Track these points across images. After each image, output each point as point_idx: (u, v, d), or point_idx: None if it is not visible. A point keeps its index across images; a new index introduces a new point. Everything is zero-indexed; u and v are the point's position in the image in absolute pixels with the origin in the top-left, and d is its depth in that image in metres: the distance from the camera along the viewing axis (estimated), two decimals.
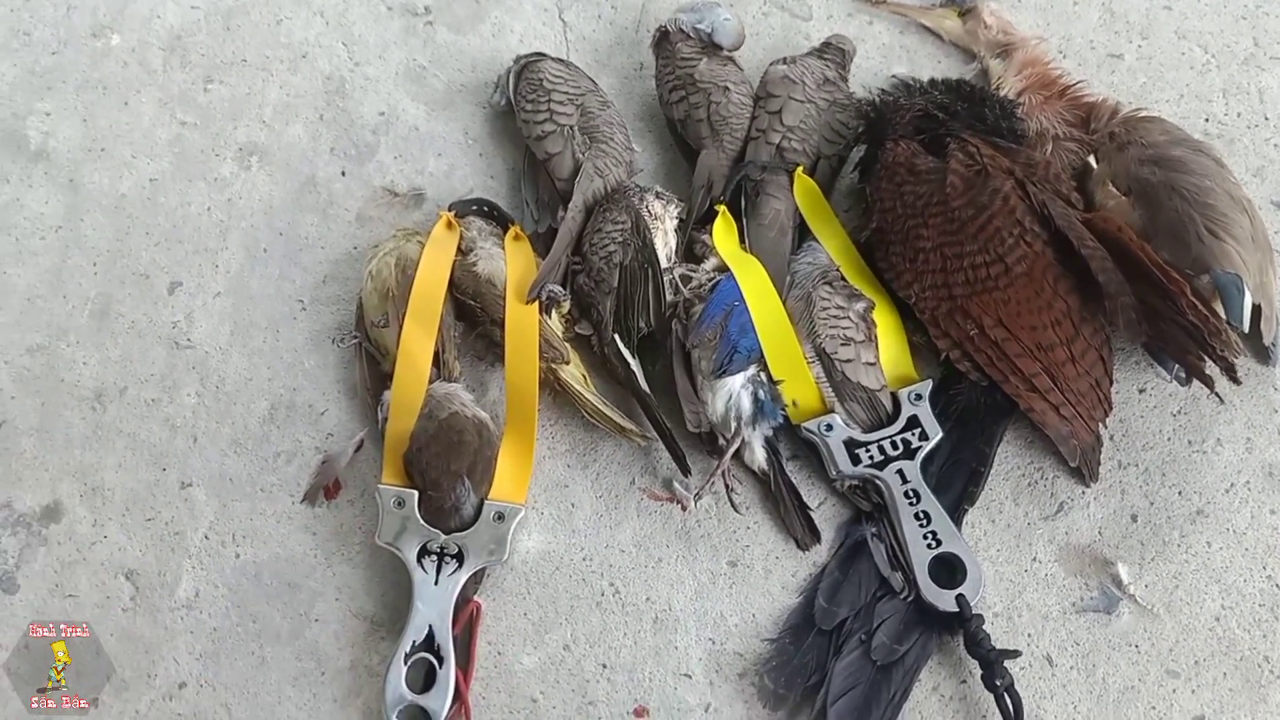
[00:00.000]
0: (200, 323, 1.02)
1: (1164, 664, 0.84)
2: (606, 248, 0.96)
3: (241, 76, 1.14)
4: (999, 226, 0.90)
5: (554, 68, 1.06)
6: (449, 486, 0.88)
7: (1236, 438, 0.91)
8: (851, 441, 0.90)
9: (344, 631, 0.89)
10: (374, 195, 1.07)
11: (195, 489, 0.95)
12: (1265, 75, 1.07)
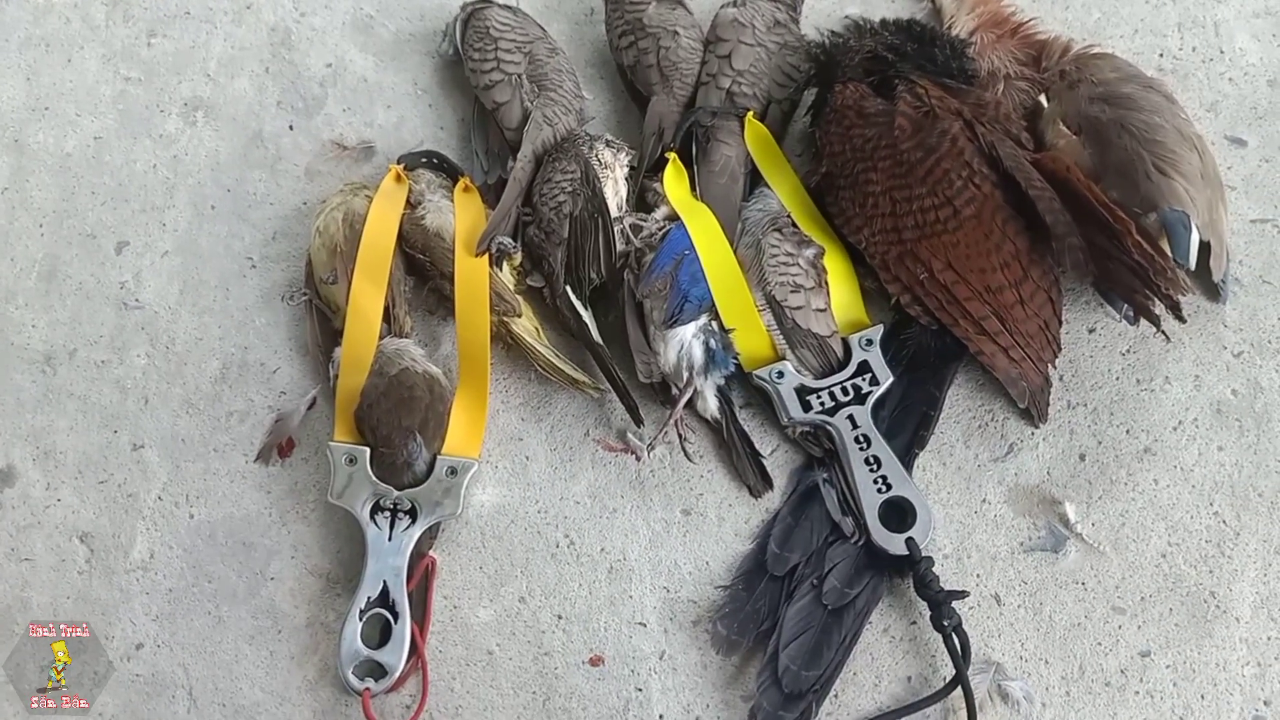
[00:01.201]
0: (149, 282, 1.01)
1: (1110, 601, 0.85)
2: (556, 198, 0.95)
3: (185, 30, 1.12)
4: (947, 169, 0.89)
5: (501, 15, 1.04)
6: (400, 442, 0.88)
7: (1185, 375, 0.91)
8: (803, 388, 0.91)
9: (300, 589, 0.90)
10: (323, 149, 1.06)
11: (147, 450, 0.95)
12: (1221, 8, 1.06)
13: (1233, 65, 1.02)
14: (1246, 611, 0.84)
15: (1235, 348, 0.92)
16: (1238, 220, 0.96)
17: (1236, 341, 0.92)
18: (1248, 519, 0.86)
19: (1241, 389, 0.90)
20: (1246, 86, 1.01)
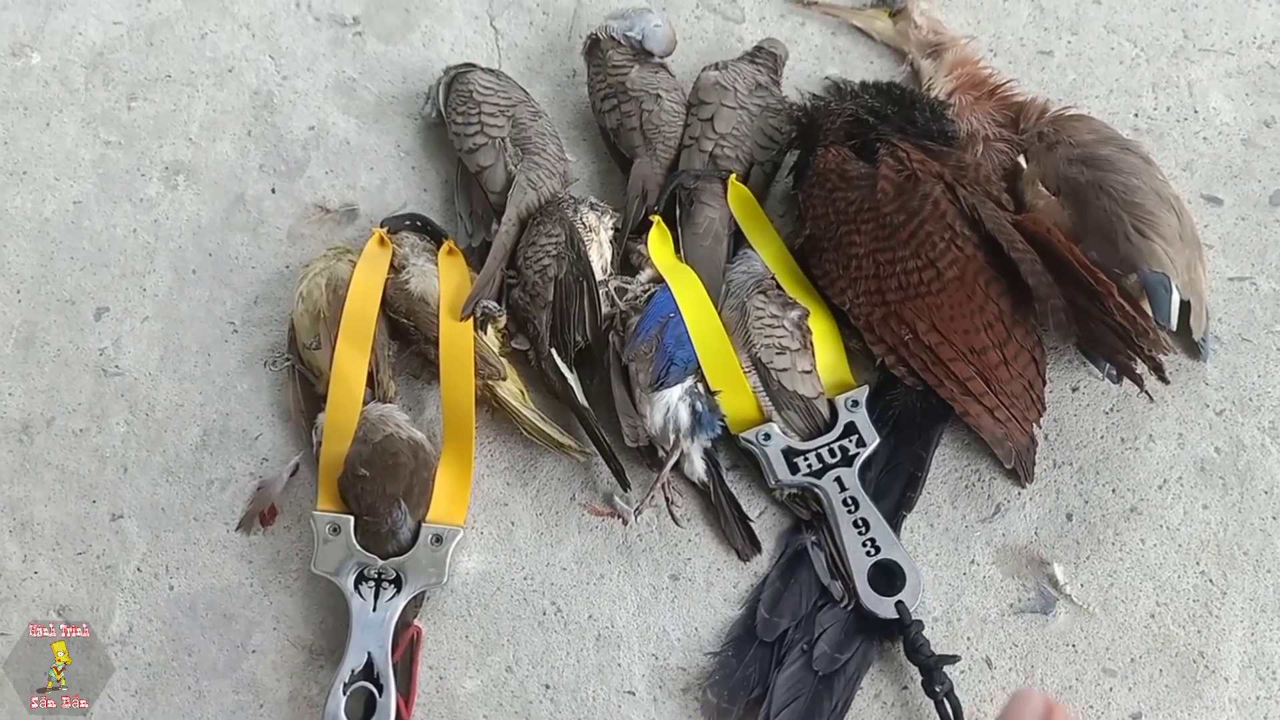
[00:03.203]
0: (128, 348, 1.00)
1: (1101, 663, 0.85)
2: (541, 261, 0.95)
3: (166, 93, 1.12)
4: (930, 231, 0.90)
5: (484, 78, 1.05)
6: (385, 511, 0.87)
7: (1169, 433, 0.92)
8: (789, 450, 0.90)
9: (282, 662, 0.88)
10: (305, 212, 1.06)
11: (126, 520, 0.94)
12: (1194, 68, 1.08)
13: (1207, 124, 1.04)
14: (1235, 671, 0.84)
15: (1217, 405, 0.92)
16: (1216, 278, 0.97)
17: (1218, 399, 0.92)
18: (1234, 578, 0.87)
19: (1224, 447, 0.91)
20: (1221, 145, 1.03)
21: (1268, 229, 0.99)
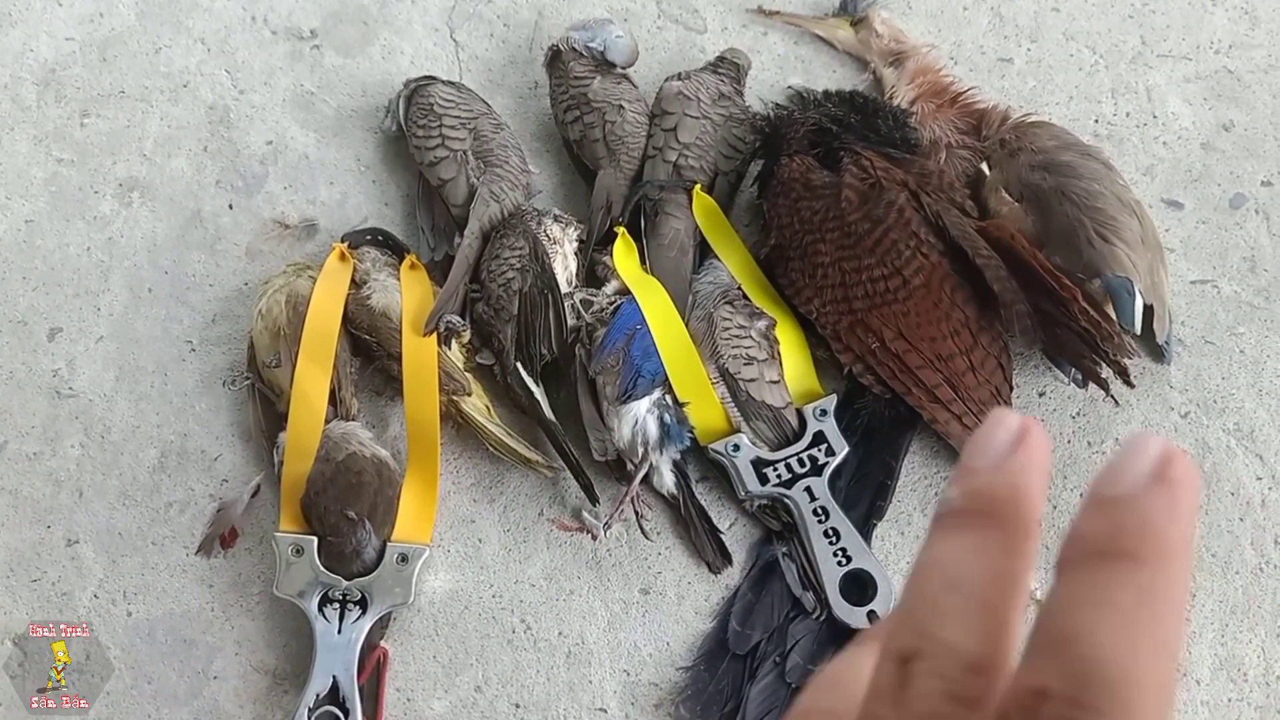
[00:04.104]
0: (83, 369, 0.98)
1: None
2: (505, 274, 0.94)
3: (120, 109, 1.10)
4: (895, 239, 0.90)
5: (444, 91, 1.04)
6: (348, 531, 0.85)
7: None
8: (759, 461, 0.90)
9: (245, 687, 0.86)
10: (264, 228, 1.04)
11: (82, 545, 0.91)
12: (1152, 73, 1.09)
13: (1166, 129, 1.05)
14: (1206, 674, 0.84)
15: (1182, 408, 0.93)
16: (1178, 282, 0.97)
17: (1183, 402, 0.93)
18: (1203, 580, 0.87)
19: (1190, 449, 0.91)
20: (1180, 150, 1.04)
21: (1228, 232, 0.99)
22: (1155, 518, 0.23)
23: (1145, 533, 0.23)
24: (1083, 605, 0.23)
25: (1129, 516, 0.23)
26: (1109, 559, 0.23)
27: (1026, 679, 0.23)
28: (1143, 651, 0.23)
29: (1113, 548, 0.23)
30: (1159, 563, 0.23)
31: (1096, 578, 0.23)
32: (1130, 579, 0.23)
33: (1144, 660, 0.23)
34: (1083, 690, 0.22)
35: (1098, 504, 0.24)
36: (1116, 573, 0.23)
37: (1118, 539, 0.23)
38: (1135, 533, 0.23)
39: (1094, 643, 0.23)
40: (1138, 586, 0.23)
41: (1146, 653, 0.23)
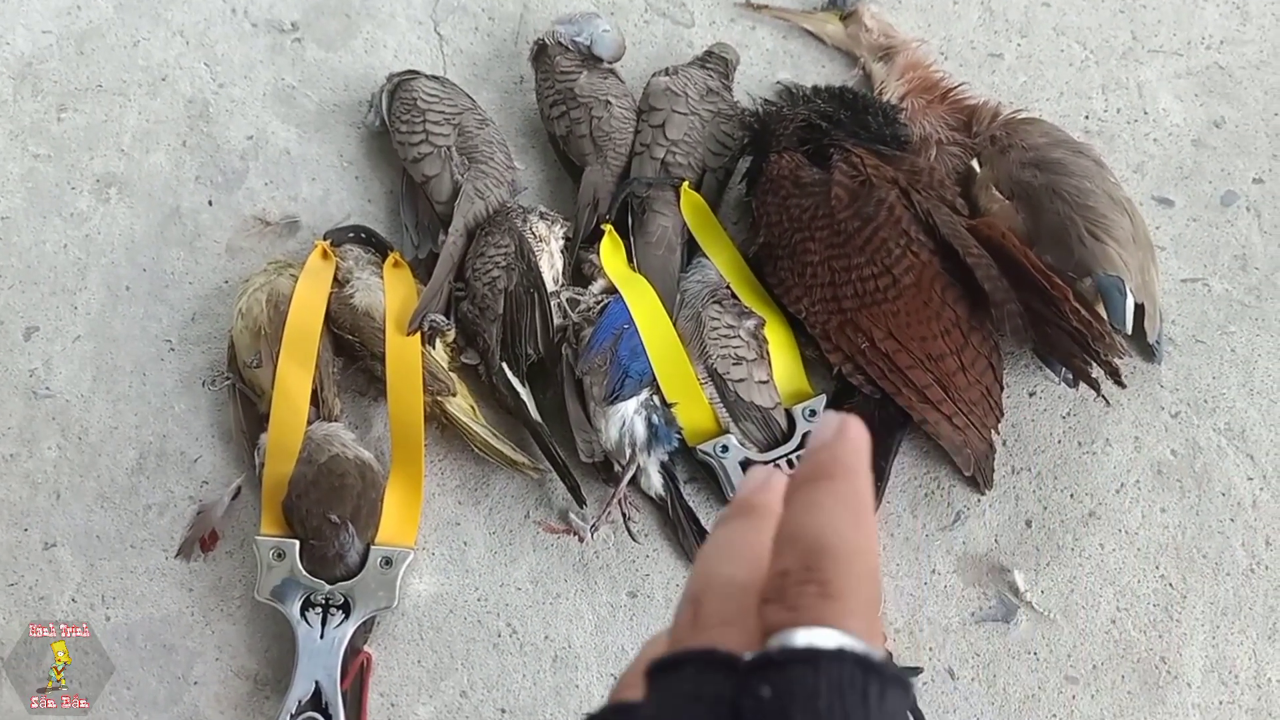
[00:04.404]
0: (60, 369, 0.96)
1: (1063, 670, 0.84)
2: (490, 273, 0.93)
3: (97, 103, 1.08)
4: (885, 238, 0.88)
5: (428, 86, 1.02)
6: (331, 534, 0.84)
7: (1125, 437, 0.91)
8: (747, 462, 0.89)
9: (225, 693, 0.85)
10: (244, 225, 1.02)
11: (60, 549, 0.90)
12: (1143, 69, 1.08)
13: (1157, 126, 1.04)
14: (1197, 676, 0.84)
15: (1172, 408, 0.92)
16: (1169, 280, 0.96)
17: (1173, 402, 0.92)
18: (1194, 581, 0.86)
19: (1180, 449, 0.91)
20: (1171, 147, 1.03)
21: (1219, 230, 0.99)
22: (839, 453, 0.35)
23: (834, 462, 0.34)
24: (802, 511, 0.33)
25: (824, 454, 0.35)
26: (815, 481, 0.34)
27: (773, 570, 0.33)
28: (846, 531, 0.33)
29: (816, 474, 0.34)
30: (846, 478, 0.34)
31: (809, 494, 0.34)
32: (830, 489, 0.34)
33: (848, 536, 0.33)
34: (811, 560, 0.32)
35: (807, 456, 0.35)
36: (820, 488, 0.34)
37: (818, 468, 0.34)
38: (828, 463, 0.34)
39: (813, 531, 0.33)
40: (835, 493, 0.34)
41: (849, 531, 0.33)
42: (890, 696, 0.30)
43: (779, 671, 0.31)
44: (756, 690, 0.31)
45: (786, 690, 0.30)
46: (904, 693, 0.31)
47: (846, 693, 0.30)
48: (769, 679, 0.31)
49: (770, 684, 0.31)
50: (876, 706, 0.30)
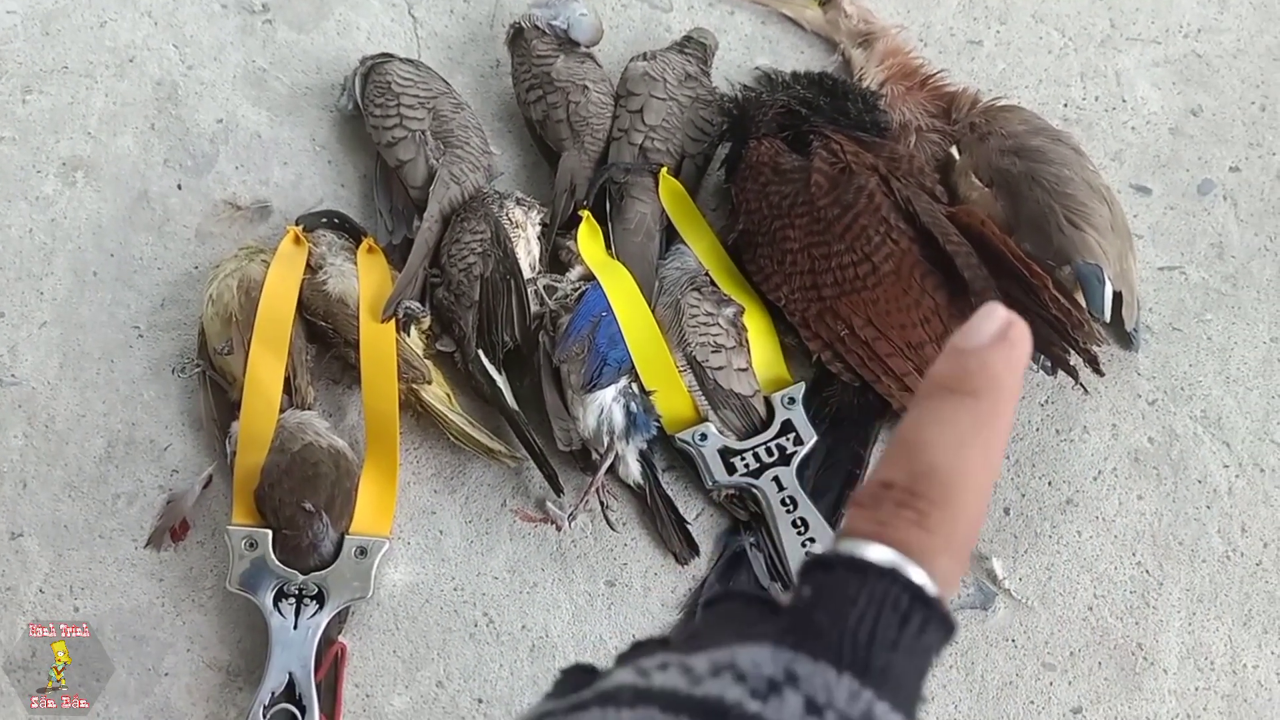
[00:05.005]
0: (25, 356, 0.94)
1: (1040, 657, 0.84)
2: (466, 259, 0.92)
3: (63, 85, 1.06)
4: (865, 225, 0.88)
5: (403, 69, 1.01)
6: (305, 524, 0.83)
7: (1103, 425, 0.91)
8: (726, 450, 0.88)
9: (197, 685, 0.84)
10: (214, 209, 1.00)
11: (27, 539, 0.88)
12: (1122, 57, 1.08)
13: (1135, 114, 1.04)
14: (1174, 663, 0.84)
15: (1149, 395, 0.92)
16: (1146, 268, 0.97)
17: (1150, 389, 0.93)
18: (1170, 568, 0.87)
19: (1158, 436, 0.91)
20: (1149, 135, 1.03)
21: (1196, 218, 0.99)
22: (994, 365, 0.31)
23: (984, 374, 0.31)
24: (929, 424, 0.31)
25: (973, 361, 0.31)
26: (955, 393, 0.31)
27: (879, 475, 0.31)
28: (971, 461, 0.30)
29: (958, 385, 0.31)
30: (993, 398, 0.31)
31: (943, 405, 0.31)
32: (969, 408, 0.30)
33: (970, 468, 0.30)
34: (918, 482, 0.30)
35: (951, 353, 0.31)
36: (959, 403, 0.30)
37: (963, 379, 0.31)
38: (976, 374, 0.31)
39: (933, 450, 0.30)
40: (974, 414, 0.30)
41: (974, 462, 0.30)
42: (930, 633, 0.30)
43: (826, 572, 0.30)
44: (800, 590, 0.30)
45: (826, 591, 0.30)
46: (946, 636, 0.30)
47: (885, 612, 0.29)
48: (813, 579, 0.30)
49: (812, 584, 0.30)
50: (912, 636, 0.29)
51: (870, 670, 0.29)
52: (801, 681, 0.28)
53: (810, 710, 0.28)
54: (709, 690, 0.28)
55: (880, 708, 0.28)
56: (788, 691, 0.28)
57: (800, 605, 0.30)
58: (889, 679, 0.29)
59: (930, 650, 0.30)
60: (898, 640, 0.29)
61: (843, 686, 0.28)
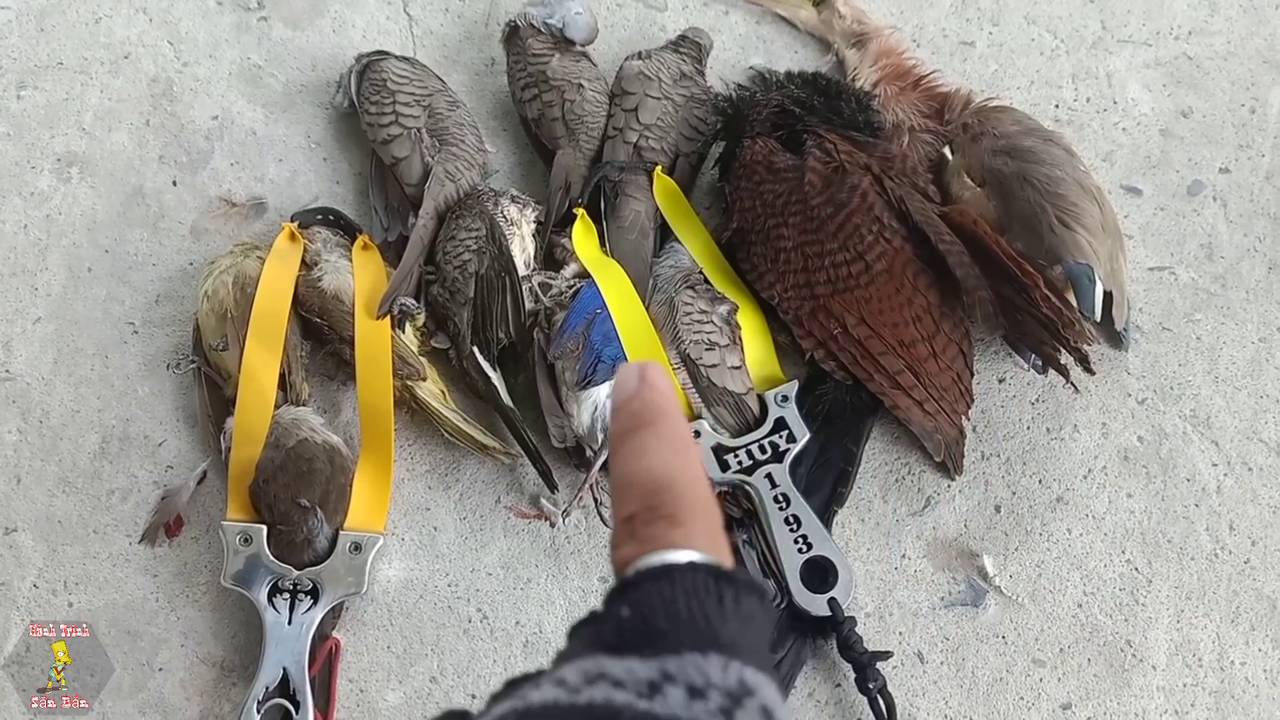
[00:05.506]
0: (19, 352, 0.94)
1: (1030, 654, 0.85)
2: (461, 256, 0.92)
3: (58, 81, 1.06)
4: (858, 224, 0.89)
5: (398, 67, 1.01)
6: (299, 519, 0.83)
7: (1092, 423, 0.92)
8: (720, 447, 0.89)
9: (191, 680, 0.84)
10: (209, 206, 1.01)
11: (21, 534, 0.88)
12: (1113, 58, 1.09)
13: (1126, 115, 1.05)
14: (1162, 659, 0.85)
15: (1139, 395, 0.93)
16: (1136, 268, 0.97)
17: (1140, 388, 0.93)
18: (1159, 566, 0.87)
19: (1147, 435, 0.92)
20: (1140, 136, 1.04)
21: (1186, 219, 1.00)
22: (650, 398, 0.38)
23: (649, 408, 0.38)
24: (633, 460, 0.37)
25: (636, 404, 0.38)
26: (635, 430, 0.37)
27: (618, 518, 0.37)
28: (677, 463, 0.37)
29: (637, 424, 0.38)
30: (663, 418, 0.38)
31: (634, 443, 0.37)
32: (653, 434, 0.37)
33: (680, 467, 0.37)
34: (652, 499, 0.36)
35: (617, 410, 0.39)
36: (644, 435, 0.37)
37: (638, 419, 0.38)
38: (643, 410, 0.38)
39: (647, 473, 0.36)
40: (659, 435, 0.37)
41: (679, 462, 0.37)
42: (745, 600, 0.34)
43: (635, 590, 0.34)
44: (616, 613, 0.34)
45: (645, 604, 0.34)
46: (759, 597, 0.35)
47: (704, 597, 0.34)
48: (626, 599, 0.34)
49: (627, 603, 0.34)
50: (733, 607, 0.34)
51: (724, 644, 0.33)
52: (677, 675, 0.32)
53: (694, 695, 0.31)
54: (593, 696, 0.31)
55: (748, 672, 0.32)
56: (668, 687, 0.31)
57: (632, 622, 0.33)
58: (740, 647, 0.33)
59: (755, 615, 0.34)
60: (726, 614, 0.33)
61: (713, 664, 0.32)
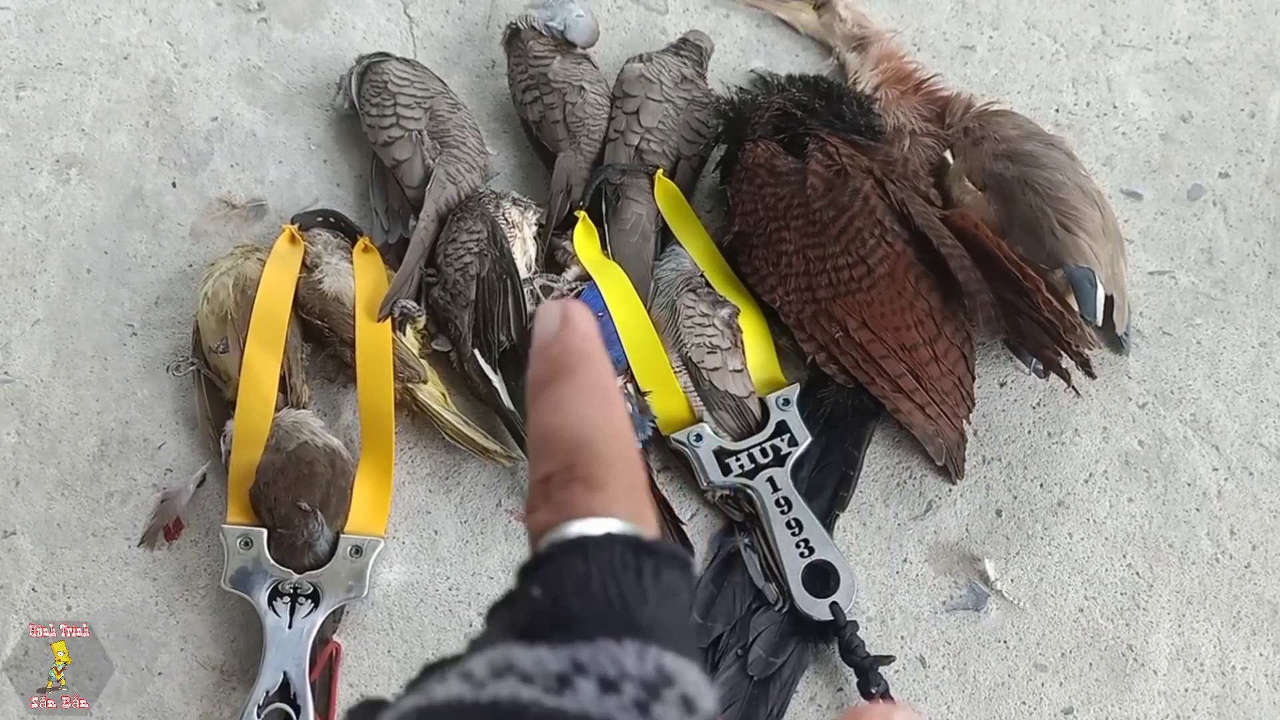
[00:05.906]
0: (18, 354, 0.94)
1: (1032, 658, 0.85)
2: (462, 259, 0.92)
3: (57, 82, 1.05)
4: (860, 227, 0.89)
5: (399, 69, 1.01)
6: (300, 522, 0.83)
7: (1094, 427, 0.92)
8: (721, 451, 0.89)
9: (191, 684, 0.83)
10: (209, 207, 1.00)
11: (19, 537, 0.88)
12: (1113, 63, 1.09)
13: (1126, 120, 1.05)
14: (1164, 664, 0.85)
15: (1140, 399, 0.93)
16: (1137, 273, 0.97)
17: (1141, 393, 0.93)
18: (1160, 570, 0.87)
19: (1147, 440, 0.92)
20: (1140, 140, 1.04)
21: (1186, 223, 1.00)
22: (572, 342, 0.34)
23: (571, 353, 0.34)
24: (551, 414, 0.33)
25: (556, 348, 0.34)
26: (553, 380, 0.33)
27: (535, 476, 0.33)
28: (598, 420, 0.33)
29: (557, 373, 0.34)
30: (586, 365, 0.34)
31: (551, 394, 0.33)
32: (574, 384, 0.33)
33: (601, 425, 0.33)
34: (569, 457, 0.32)
35: (536, 355, 0.35)
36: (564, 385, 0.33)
37: (558, 366, 0.34)
38: (564, 355, 0.34)
39: (566, 429, 0.33)
40: (579, 385, 0.33)
41: (601, 420, 0.33)
42: (666, 573, 0.31)
43: (548, 564, 0.31)
44: (529, 593, 0.31)
45: (557, 583, 0.31)
46: (682, 569, 0.32)
47: (620, 574, 0.31)
48: (539, 576, 0.31)
49: (539, 581, 0.31)
50: (653, 584, 0.31)
51: (640, 628, 0.30)
52: (588, 666, 0.29)
53: (607, 689, 0.29)
54: (498, 693, 0.29)
55: (668, 658, 0.30)
56: (578, 679, 0.29)
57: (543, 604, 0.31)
58: (659, 630, 0.30)
59: (678, 591, 0.31)
60: (645, 592, 0.30)
61: (628, 652, 0.29)
